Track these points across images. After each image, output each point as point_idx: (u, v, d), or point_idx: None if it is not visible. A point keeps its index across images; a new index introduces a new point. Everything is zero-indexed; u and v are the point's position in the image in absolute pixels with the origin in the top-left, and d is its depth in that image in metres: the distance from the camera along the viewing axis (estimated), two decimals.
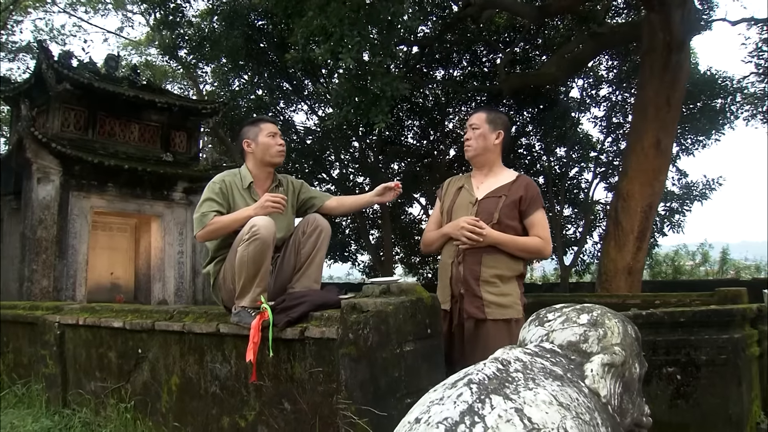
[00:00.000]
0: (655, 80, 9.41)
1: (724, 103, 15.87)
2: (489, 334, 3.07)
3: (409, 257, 24.00)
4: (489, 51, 18.34)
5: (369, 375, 2.70)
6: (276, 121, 3.63)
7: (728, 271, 20.15)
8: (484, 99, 18.28)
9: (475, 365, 1.82)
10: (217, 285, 3.40)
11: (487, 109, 3.44)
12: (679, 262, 21.43)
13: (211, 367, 3.49)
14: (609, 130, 19.40)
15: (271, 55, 16.02)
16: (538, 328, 2.15)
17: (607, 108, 19.13)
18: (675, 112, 9.76)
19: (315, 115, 19.57)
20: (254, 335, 3.07)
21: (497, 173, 3.35)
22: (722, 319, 4.48)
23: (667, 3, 8.82)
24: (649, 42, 9.39)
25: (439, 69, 18.80)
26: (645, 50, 9.72)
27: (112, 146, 10.23)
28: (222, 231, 3.26)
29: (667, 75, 9.31)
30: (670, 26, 8.98)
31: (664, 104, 9.43)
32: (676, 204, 18.11)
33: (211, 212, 3.27)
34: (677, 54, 9.18)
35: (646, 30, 9.42)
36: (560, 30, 16.56)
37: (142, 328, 3.90)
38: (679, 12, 8.98)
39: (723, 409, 4.37)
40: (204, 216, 3.27)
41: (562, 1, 10.78)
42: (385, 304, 2.72)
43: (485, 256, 3.13)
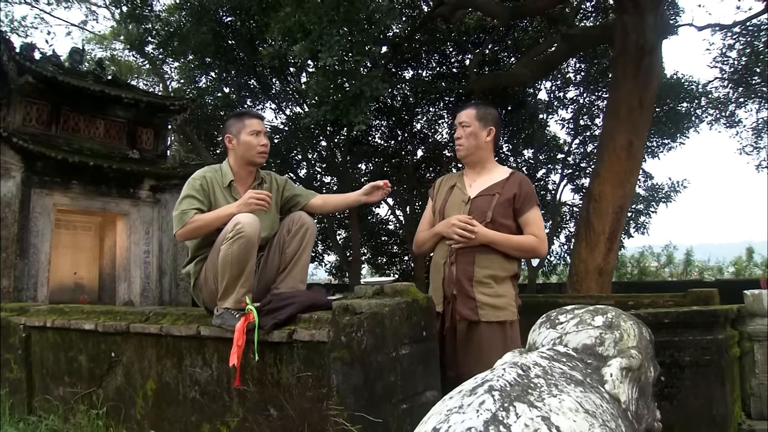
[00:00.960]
0: (628, 82, 9.47)
1: (690, 107, 16.13)
2: (483, 337, 2.98)
3: (375, 257, 23.93)
4: (458, 52, 18.35)
5: (363, 380, 2.58)
6: (262, 117, 3.46)
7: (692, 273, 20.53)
8: (453, 99, 18.31)
9: (492, 370, 1.72)
10: (197, 285, 3.24)
11: (476, 105, 3.33)
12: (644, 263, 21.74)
13: (190, 372, 3.33)
14: (576, 132, 19.57)
15: (239, 52, 15.80)
16: (550, 330, 2.06)
17: (574, 110, 19.29)
18: (647, 114, 9.84)
19: (282, 114, 19.37)
20: (239, 338, 2.93)
21: (490, 170, 3.26)
22: (706, 320, 4.45)
23: (641, 6, 8.88)
24: (622, 44, 9.44)
25: (408, 69, 18.74)
26: (618, 52, 9.77)
27: (76, 142, 9.89)
28: (203, 229, 3.11)
29: (639, 77, 9.37)
30: (643, 29, 9.05)
31: (636, 106, 9.50)
32: (642, 206, 18.36)
33: (191, 210, 3.11)
34: (650, 56, 9.25)
35: (619, 32, 9.47)
36: (529, 32, 16.64)
37: (116, 330, 3.71)
38: (652, 15, 9.05)
39: (707, 410, 4.35)
40: (184, 213, 3.11)
41: (536, 2, 10.79)
42: (381, 306, 2.60)
43: (478, 255, 3.04)
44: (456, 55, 18.63)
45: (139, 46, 13.29)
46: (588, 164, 19.54)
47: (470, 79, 14.79)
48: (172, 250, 10.81)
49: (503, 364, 2.12)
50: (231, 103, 16.30)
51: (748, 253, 20.86)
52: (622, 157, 9.75)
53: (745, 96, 16.10)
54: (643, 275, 20.85)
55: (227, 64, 15.80)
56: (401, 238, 22.40)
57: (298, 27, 6.02)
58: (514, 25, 16.07)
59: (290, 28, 6.13)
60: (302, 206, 3.50)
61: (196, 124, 15.95)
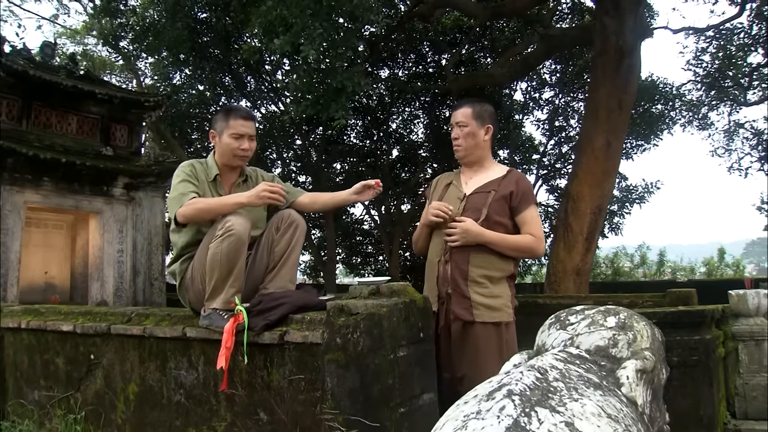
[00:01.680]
0: (607, 83, 9.51)
1: (664, 109, 16.30)
2: (477, 338, 2.91)
3: (350, 257, 23.85)
4: (434, 51, 18.34)
5: (359, 382, 2.50)
6: (251, 116, 3.30)
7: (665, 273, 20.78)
8: (428, 99, 18.29)
9: (509, 374, 1.65)
10: (183, 285, 3.12)
11: (471, 102, 3.23)
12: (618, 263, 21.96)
13: (175, 375, 3.21)
14: (552, 133, 19.68)
15: (214, 49, 15.60)
16: (560, 331, 1.99)
17: (549, 111, 19.40)
18: (625, 115, 9.91)
19: (258, 112, 19.17)
20: (227, 340, 2.82)
21: (487, 168, 3.19)
22: (694, 320, 4.47)
23: (621, 7, 8.93)
24: (602, 45, 9.48)
25: (384, 68, 18.69)
26: (597, 53, 9.82)
27: (48, 138, 9.63)
28: (206, 213, 2.97)
29: (618, 78, 9.42)
30: (623, 30, 9.10)
31: (615, 107, 9.55)
32: (616, 206, 18.52)
33: (190, 192, 2.99)
34: (629, 58, 9.31)
35: (598, 33, 9.52)
36: (506, 33, 16.68)
37: (96, 332, 3.58)
38: (631, 17, 9.11)
39: (695, 410, 4.35)
40: (183, 195, 2.98)
41: (515, 2, 10.79)
42: (378, 306, 2.52)
43: (473, 254, 2.98)
44: (432, 55, 18.62)
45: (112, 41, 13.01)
46: (563, 165, 19.69)
47: (447, 78, 14.76)
48: (146, 249, 10.60)
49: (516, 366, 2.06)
50: (206, 101, 16.10)
51: (719, 254, 21.22)
52: (600, 157, 9.80)
53: (718, 99, 16.35)
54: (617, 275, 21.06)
55: (202, 61, 15.58)
56: (376, 238, 22.35)
57: (280, 21, 5.91)
58: (491, 26, 16.08)
59: (272, 22, 6.01)
60: (290, 204, 3.39)
61: (170, 122, 15.69)
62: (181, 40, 12.56)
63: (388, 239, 20.32)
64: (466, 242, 2.95)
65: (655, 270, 21.07)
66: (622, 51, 9.20)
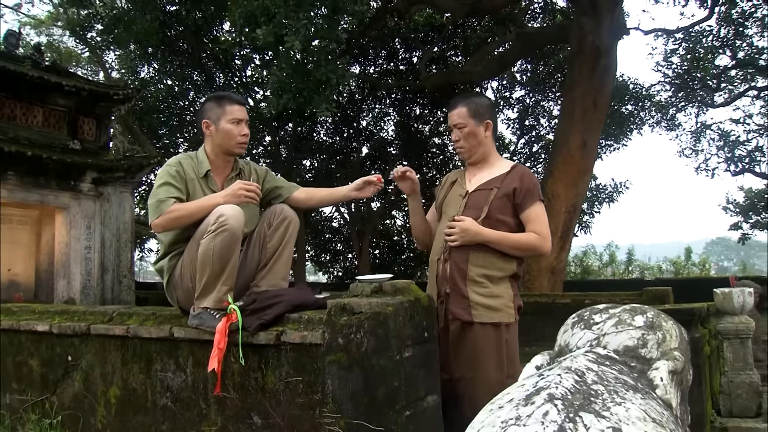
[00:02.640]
0: (583, 83, 9.55)
1: (634, 109, 16.48)
2: (476, 339, 2.81)
3: (319, 255, 23.67)
4: (406, 49, 18.28)
5: (362, 385, 2.39)
6: (244, 102, 3.18)
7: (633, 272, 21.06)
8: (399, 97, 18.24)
9: (543, 375, 1.56)
10: (171, 283, 2.97)
11: (465, 100, 3.08)
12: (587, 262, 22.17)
13: (161, 377, 3.06)
14: (522, 132, 19.76)
15: (184, 43, 15.32)
16: (585, 331, 1.90)
17: (520, 110, 19.48)
18: (601, 115, 9.96)
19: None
20: (220, 340, 2.69)
21: (492, 164, 3.07)
22: (684, 318, 4.45)
23: (598, 7, 8.95)
24: (579, 45, 9.51)
25: (355, 65, 18.56)
26: (574, 53, 9.86)
27: (12, 131, 9.27)
28: (184, 220, 2.84)
29: (595, 78, 9.46)
30: (600, 30, 9.13)
31: (590, 106, 9.59)
32: (586, 206, 18.69)
33: (169, 198, 2.84)
34: (606, 57, 9.35)
35: (575, 33, 9.54)
36: (478, 31, 16.69)
37: (74, 332, 3.40)
38: (608, 16, 9.15)
39: None
40: (161, 202, 2.83)
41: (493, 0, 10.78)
42: (383, 305, 2.41)
43: (472, 253, 2.87)
44: (404, 52, 18.55)
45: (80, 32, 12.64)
46: (533, 164, 19.78)
47: (421, 76, 14.71)
48: (114, 246, 10.31)
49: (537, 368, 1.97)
50: (175, 95, 15.79)
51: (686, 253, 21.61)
52: (575, 156, 9.84)
53: (686, 100, 16.60)
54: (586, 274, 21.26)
55: (171, 55, 15.28)
56: (345, 235, 22.22)
57: (262, 11, 5.75)
58: (463, 24, 16.09)
59: (253, 12, 5.85)
60: (284, 199, 3.25)
61: (138, 116, 15.35)
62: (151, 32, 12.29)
63: (357, 237, 20.22)
64: (465, 241, 2.85)
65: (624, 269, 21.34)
66: (598, 50, 9.24)
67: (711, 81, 15.31)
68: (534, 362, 2.00)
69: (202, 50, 15.61)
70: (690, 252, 21.52)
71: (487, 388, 2.75)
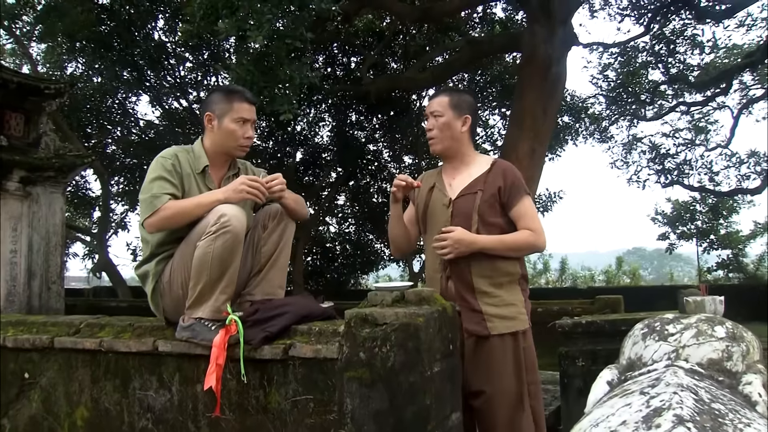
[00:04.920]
0: (534, 91, 9.58)
1: (570, 120, 16.81)
2: (494, 352, 2.64)
3: None
4: (344, 54, 18.07)
5: (388, 404, 2.16)
6: (254, 101, 2.84)
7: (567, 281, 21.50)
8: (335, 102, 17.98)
9: (658, 394, 1.38)
10: (158, 290, 2.65)
11: (449, 91, 2.95)
12: None
13: (140, 396, 2.73)
14: None
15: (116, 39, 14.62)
16: (660, 343, 1.76)
17: None
18: (550, 123, 10.04)
19: (159, 107, 18.16)
20: (218, 355, 2.41)
21: (469, 163, 2.89)
22: None
23: (552, 16, 9.01)
24: (531, 53, 9.55)
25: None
26: (525, 61, 9.89)
27: None
28: (179, 218, 2.53)
29: (545, 86, 9.51)
30: (553, 40, 9.19)
31: (540, 114, 9.63)
32: None
33: (163, 194, 2.53)
34: (556, 66, 9.42)
35: (528, 41, 9.57)
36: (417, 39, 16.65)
37: (33, 345, 3.01)
38: (561, 27, 9.22)
39: None
40: (155, 198, 2.52)
41: (444, 6, 10.73)
42: (413, 316, 2.19)
43: (474, 263, 2.69)
44: (342, 57, 18.33)
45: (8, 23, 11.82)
46: None
47: (363, 81, 14.53)
48: (43, 250, 9.59)
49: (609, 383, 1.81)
50: (107, 92, 15.06)
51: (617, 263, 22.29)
52: (524, 164, 9.83)
53: (619, 113, 17.07)
54: None
55: (102, 51, 14.54)
56: None
57: (224, 3, 5.41)
58: (403, 31, 16.03)
59: (213, 4, 5.50)
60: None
61: (67, 113, 14.50)
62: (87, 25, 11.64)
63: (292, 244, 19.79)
64: (460, 253, 2.66)
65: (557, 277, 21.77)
66: (550, 59, 9.30)
67: (645, 95, 15.79)
68: (604, 377, 1.84)
69: (135, 47, 14.93)
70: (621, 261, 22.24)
71: (507, 401, 2.61)
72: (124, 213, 18.01)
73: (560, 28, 9.14)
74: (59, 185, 10.07)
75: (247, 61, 5.76)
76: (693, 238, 19.10)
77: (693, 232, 18.97)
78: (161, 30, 16.33)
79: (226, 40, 15.51)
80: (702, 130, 17.13)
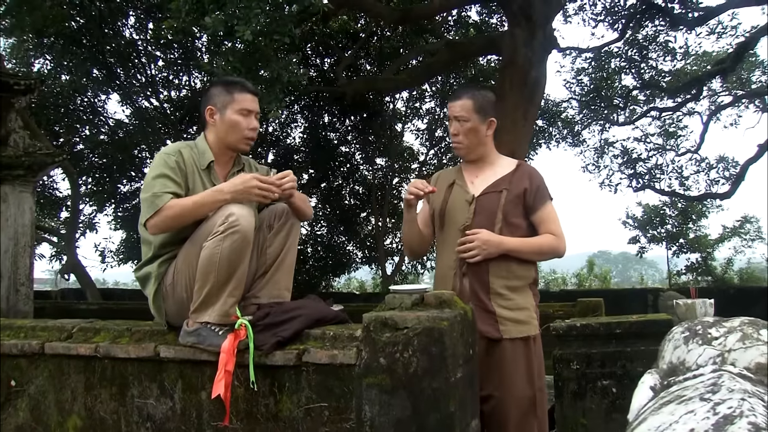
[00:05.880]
0: (514, 94, 9.59)
1: (545, 124, 16.95)
2: (505, 355, 2.59)
3: None
4: (317, 55, 17.95)
5: (410, 411, 2.08)
6: (257, 92, 2.73)
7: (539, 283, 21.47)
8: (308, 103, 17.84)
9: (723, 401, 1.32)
10: (160, 293, 2.52)
11: (470, 93, 2.83)
12: None
13: (139, 404, 2.60)
14: (432, 143, 19.89)
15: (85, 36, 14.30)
16: (704, 347, 1.71)
17: (430, 121, 19.59)
18: (530, 126, 10.07)
19: (129, 106, 17.81)
20: (227, 361, 2.30)
21: (493, 163, 2.84)
22: (659, 330, 4.40)
23: (533, 20, 9.03)
24: (511, 56, 9.56)
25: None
26: (505, 64, 9.90)
27: None
28: (183, 218, 2.41)
29: (525, 90, 9.53)
30: (533, 43, 9.21)
31: (520, 118, 9.65)
32: None
33: (165, 193, 2.41)
34: (537, 70, 9.45)
35: (508, 45, 9.58)
36: (391, 41, 16.62)
37: (22, 351, 2.85)
38: (541, 30, 9.25)
39: None
40: (156, 197, 2.39)
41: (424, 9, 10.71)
42: (436, 320, 2.11)
43: (493, 264, 2.64)
44: (315, 58, 18.20)
45: None
46: None
47: (339, 81, 14.43)
48: (11, 251, 9.27)
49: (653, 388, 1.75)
50: (76, 89, 14.71)
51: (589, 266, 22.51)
52: None
53: (591, 117, 17.26)
54: None
55: (71, 47, 14.20)
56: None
57: None
58: (375, 33, 16.00)
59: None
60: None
61: (34, 111, 14.12)
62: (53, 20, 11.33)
63: None
64: (489, 255, 2.60)
65: None
66: (530, 62, 9.33)
67: (617, 100, 15.98)
68: (647, 383, 1.79)
69: (105, 44, 14.62)
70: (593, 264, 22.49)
71: (518, 405, 2.58)
72: (93, 214, 17.59)
73: (540, 32, 9.17)
74: (29, 184, 9.77)
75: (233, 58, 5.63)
76: (663, 241, 19.41)
77: (663, 236, 19.27)
78: (132, 27, 16.05)
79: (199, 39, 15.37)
80: (672, 135, 17.41)
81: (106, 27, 14.70)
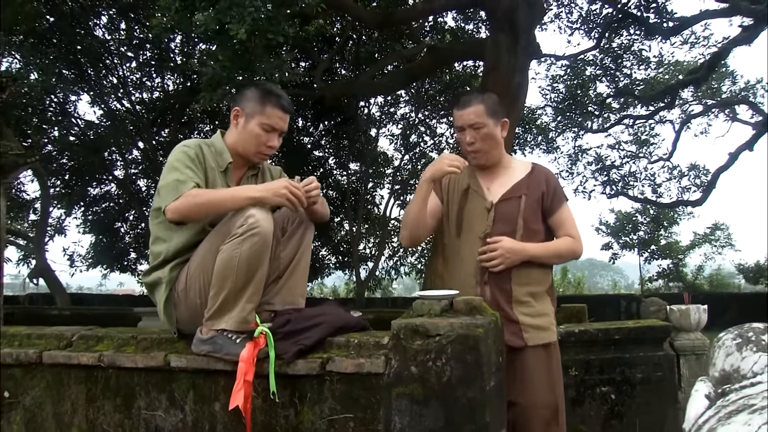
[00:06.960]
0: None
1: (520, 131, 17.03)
2: (527, 363, 2.54)
3: None
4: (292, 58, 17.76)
5: (443, 422, 2.01)
6: (290, 110, 2.58)
7: None
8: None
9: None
10: (171, 299, 2.39)
11: (479, 97, 2.70)
12: None
13: (146, 417, 2.46)
14: (406, 148, 19.86)
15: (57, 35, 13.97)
16: (760, 354, 1.67)
17: (404, 126, 19.56)
18: (511, 133, 10.06)
19: (100, 107, 17.44)
20: (247, 371, 2.19)
21: (506, 166, 2.76)
22: (657, 336, 4.42)
23: (516, 26, 9.04)
24: (494, 63, 9.54)
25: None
26: (488, 70, 9.89)
27: None
28: (207, 208, 2.30)
29: (508, 96, 9.50)
30: (516, 49, 9.22)
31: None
32: None
33: (189, 181, 2.29)
34: (519, 76, 9.45)
35: (491, 50, 9.57)
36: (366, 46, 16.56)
37: (17, 360, 2.69)
38: (525, 36, 9.26)
39: (659, 427, 4.27)
40: (180, 183, 2.28)
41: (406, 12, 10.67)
42: (471, 327, 2.03)
43: (515, 271, 2.58)
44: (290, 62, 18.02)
45: None
46: (416, 181, 19.86)
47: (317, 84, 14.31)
48: None
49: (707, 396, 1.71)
50: (46, 89, 14.35)
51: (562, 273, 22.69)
52: None
53: (566, 124, 17.41)
54: None
55: (41, 46, 13.85)
56: None
57: None
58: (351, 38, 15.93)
59: None
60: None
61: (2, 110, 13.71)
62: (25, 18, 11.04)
63: None
64: (512, 263, 2.55)
65: None
66: (513, 69, 9.32)
67: (592, 107, 16.14)
68: (701, 391, 1.76)
69: (76, 44, 14.30)
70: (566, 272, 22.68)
71: (541, 414, 2.53)
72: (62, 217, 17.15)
73: (523, 38, 9.18)
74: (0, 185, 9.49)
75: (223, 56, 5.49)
76: (635, 248, 19.65)
77: (635, 243, 19.51)
78: (104, 27, 15.73)
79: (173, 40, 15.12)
80: (645, 143, 17.65)
81: (77, 26, 14.42)
